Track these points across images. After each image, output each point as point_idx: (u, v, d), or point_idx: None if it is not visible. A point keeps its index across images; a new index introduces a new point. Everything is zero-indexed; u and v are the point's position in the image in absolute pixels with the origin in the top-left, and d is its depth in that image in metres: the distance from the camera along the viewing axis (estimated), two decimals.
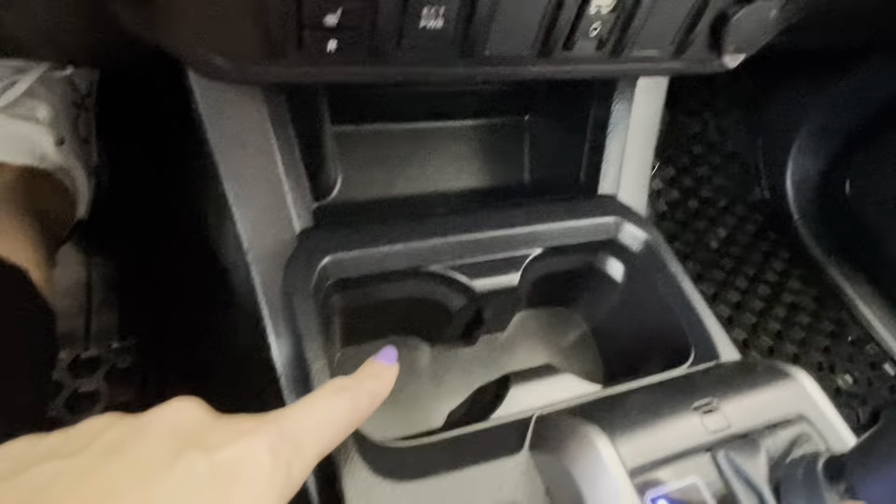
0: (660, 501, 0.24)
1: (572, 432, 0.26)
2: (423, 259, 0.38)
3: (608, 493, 0.24)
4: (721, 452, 0.25)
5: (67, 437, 0.18)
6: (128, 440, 0.18)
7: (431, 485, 0.27)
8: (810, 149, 1.02)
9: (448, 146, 0.53)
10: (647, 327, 0.42)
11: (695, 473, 0.25)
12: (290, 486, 0.21)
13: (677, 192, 0.99)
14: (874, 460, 0.20)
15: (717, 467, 0.25)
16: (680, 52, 0.34)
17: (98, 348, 0.60)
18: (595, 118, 0.48)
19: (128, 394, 0.58)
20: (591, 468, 0.24)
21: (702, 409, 0.27)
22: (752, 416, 0.27)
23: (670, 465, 0.25)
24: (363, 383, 0.25)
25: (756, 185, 1.05)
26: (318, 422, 0.22)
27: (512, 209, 0.43)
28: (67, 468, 0.17)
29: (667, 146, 1.00)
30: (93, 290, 0.64)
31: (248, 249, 0.35)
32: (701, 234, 0.97)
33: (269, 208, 0.36)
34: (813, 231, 1.00)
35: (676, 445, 0.25)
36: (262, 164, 0.36)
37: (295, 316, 0.33)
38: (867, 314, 0.93)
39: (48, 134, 0.46)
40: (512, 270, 0.40)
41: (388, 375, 0.26)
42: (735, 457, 0.25)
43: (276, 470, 0.20)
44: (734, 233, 0.99)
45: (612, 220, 0.44)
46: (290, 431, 0.21)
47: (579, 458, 0.25)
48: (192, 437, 0.19)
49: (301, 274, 0.34)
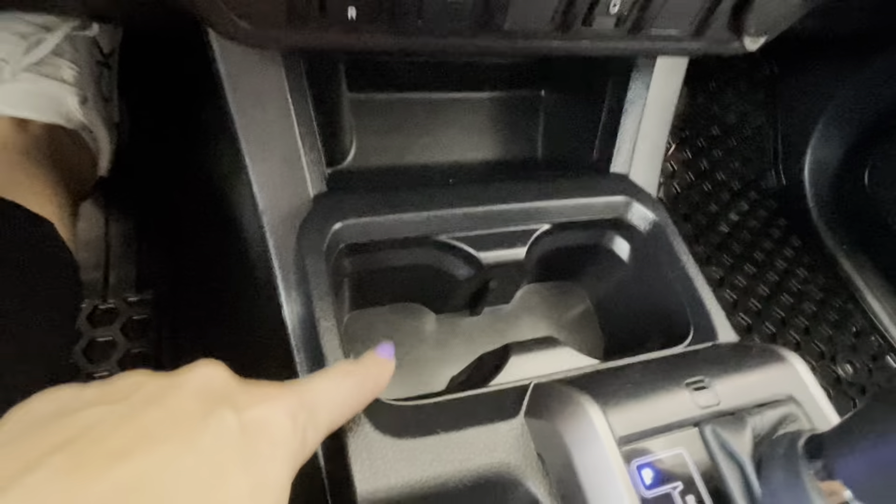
0: (644, 469, 0.25)
1: (566, 400, 0.27)
2: (432, 228, 0.39)
3: (597, 459, 0.25)
4: (708, 427, 0.27)
5: (110, 387, 0.19)
6: (165, 394, 0.19)
7: (429, 442, 0.28)
8: (830, 136, 1.00)
9: (463, 118, 0.54)
10: (648, 306, 0.43)
11: (681, 445, 0.26)
12: (305, 451, 0.22)
13: (692, 174, 0.98)
14: (851, 440, 0.21)
15: (703, 441, 0.26)
16: (700, 32, 0.34)
17: (115, 300, 0.62)
18: (611, 97, 0.47)
19: (143, 345, 0.60)
20: (582, 435, 0.26)
21: (693, 385, 0.28)
22: (741, 395, 0.28)
23: (658, 436, 0.26)
24: (368, 369, 0.27)
25: (772, 170, 1.03)
26: (331, 396, 0.24)
27: (522, 184, 0.43)
28: (112, 413, 0.18)
29: (684, 127, 0.99)
30: (111, 244, 0.66)
31: (263, 211, 0.36)
32: (713, 217, 0.97)
33: (285, 172, 0.37)
34: (826, 220, 1.00)
35: (665, 418, 0.27)
36: (279, 129, 0.36)
37: (307, 277, 0.35)
38: (874, 306, 0.93)
39: (73, 93, 0.47)
40: (519, 244, 0.41)
41: (388, 367, 0.28)
42: (721, 432, 0.26)
43: (294, 433, 0.21)
44: (746, 218, 0.98)
45: (621, 199, 0.44)
46: (308, 401, 0.23)
47: (571, 425, 0.26)
48: (223, 397, 0.20)
49: (314, 237, 0.35)
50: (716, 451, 0.26)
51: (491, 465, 0.28)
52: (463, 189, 0.41)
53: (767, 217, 0.99)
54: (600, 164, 0.48)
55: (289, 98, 0.36)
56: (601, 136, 0.48)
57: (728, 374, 0.29)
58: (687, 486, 0.25)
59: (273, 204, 0.36)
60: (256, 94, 0.35)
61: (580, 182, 0.45)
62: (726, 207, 0.98)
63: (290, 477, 0.21)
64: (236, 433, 0.19)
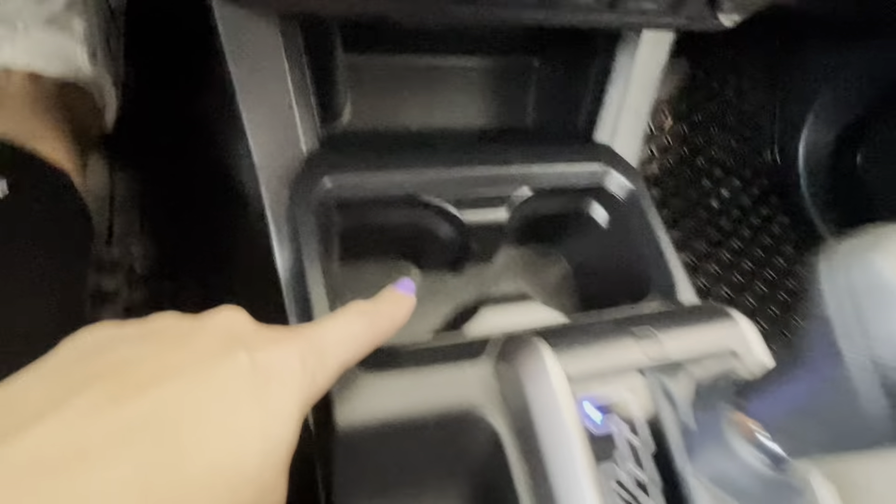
0: (590, 406, 0.28)
1: (525, 345, 0.30)
2: (417, 188, 0.41)
3: (547, 395, 0.28)
4: (652, 373, 0.29)
5: (146, 327, 0.22)
6: (191, 334, 0.22)
7: (405, 378, 0.31)
8: (827, 117, 1.01)
9: (457, 82, 0.55)
10: (621, 270, 0.46)
11: (626, 388, 0.29)
12: (314, 391, 0.24)
13: (686, 149, 1.00)
14: (764, 384, 0.24)
15: (646, 385, 0.29)
16: (677, 7, 0.35)
17: (118, 250, 0.65)
18: (598, 68, 0.49)
19: (144, 294, 0.64)
20: (536, 374, 0.29)
21: (642, 336, 0.31)
22: (686, 347, 0.31)
23: (605, 378, 0.29)
24: (382, 307, 0.28)
25: (767, 148, 1.05)
26: (341, 338, 0.26)
27: (506, 149, 0.45)
28: (145, 350, 0.20)
29: (681, 101, 1.00)
30: (115, 196, 0.69)
31: (259, 167, 0.39)
32: (705, 192, 0.98)
33: (280, 130, 0.39)
34: (818, 199, 1.01)
35: (613, 363, 0.29)
36: (275, 88, 0.38)
37: (297, 230, 0.37)
38: None
39: (83, 48, 0.49)
40: (500, 207, 0.43)
41: (406, 303, 0.30)
42: (663, 378, 0.29)
43: (304, 374, 0.23)
44: (738, 194, 1.00)
45: (600, 167, 0.46)
46: (317, 345, 0.25)
47: (527, 365, 0.29)
48: (239, 338, 0.22)
49: (304, 192, 0.38)
50: (657, 395, 0.29)
51: (460, 403, 0.31)
52: (449, 152, 0.44)
53: (759, 194, 1.01)
54: (585, 133, 0.50)
55: (284, 58, 0.38)
56: (587, 107, 0.50)
57: (676, 328, 0.32)
58: (629, 424, 0.29)
59: (268, 160, 0.39)
60: (253, 55, 0.37)
61: (563, 150, 0.47)
62: (719, 183, 0.99)
63: (299, 413, 0.23)
64: (248, 371, 0.21)
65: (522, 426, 0.29)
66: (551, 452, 0.28)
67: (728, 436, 0.24)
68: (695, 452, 0.26)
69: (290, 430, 0.22)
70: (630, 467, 0.27)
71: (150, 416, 0.19)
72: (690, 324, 0.32)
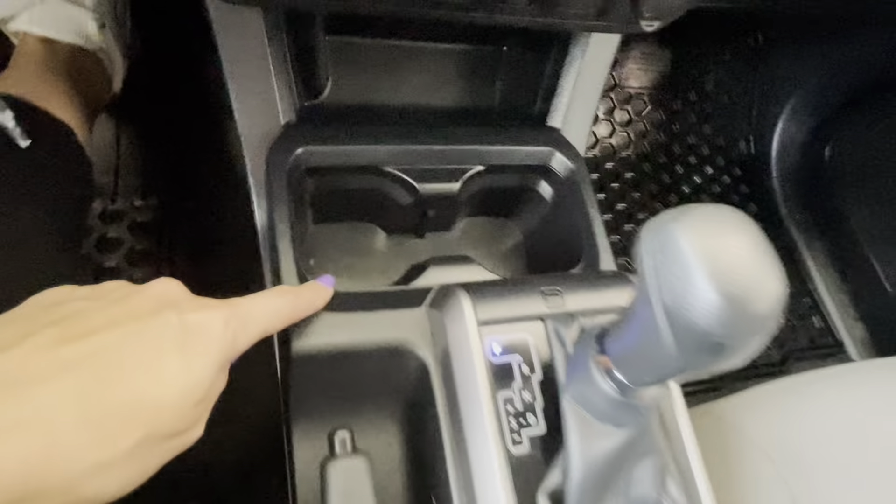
0: (495, 343, 0.35)
1: (451, 294, 0.37)
2: (381, 159, 0.47)
3: (462, 334, 0.35)
4: (550, 322, 0.36)
5: (96, 290, 0.28)
6: (131, 296, 0.27)
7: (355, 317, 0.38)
8: (803, 111, 1.05)
9: (431, 66, 0.60)
10: (561, 241, 0.52)
11: (528, 332, 0.36)
12: (235, 349, 0.29)
13: (663, 135, 1.05)
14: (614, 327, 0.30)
15: (544, 330, 0.36)
16: (603, 13, 0.41)
17: (123, 203, 0.72)
18: (554, 59, 0.54)
19: (146, 243, 0.71)
20: (455, 317, 0.35)
21: (548, 292, 0.37)
22: (582, 303, 0.37)
23: (511, 323, 0.36)
24: (303, 292, 0.34)
25: (743, 139, 1.09)
26: (263, 311, 0.30)
27: (465, 129, 0.51)
28: (93, 306, 0.26)
29: (662, 90, 1.04)
30: (121, 154, 0.75)
31: (242, 134, 0.45)
32: (678, 178, 1.04)
33: (260, 103, 0.45)
34: (786, 190, 1.06)
35: (519, 313, 0.36)
36: (257, 66, 0.44)
37: (272, 192, 0.43)
38: (814, 273, 1.02)
39: (92, 17, 0.55)
40: (454, 180, 0.49)
41: (324, 293, 0.36)
42: (558, 325, 0.36)
43: (224, 335, 0.28)
44: (709, 182, 1.05)
45: (547, 149, 0.52)
46: (241, 313, 0.29)
47: (450, 311, 0.36)
48: (172, 302, 0.28)
49: (279, 159, 0.44)
50: (552, 339, 0.35)
51: (397, 338, 0.38)
52: (413, 128, 0.50)
53: (730, 182, 1.06)
54: (539, 117, 0.56)
55: (266, 40, 0.44)
56: (542, 93, 0.55)
57: (579, 287, 0.38)
58: (526, 359, 0.35)
59: (250, 129, 0.45)
60: (239, 35, 0.43)
61: (517, 132, 0.53)
62: (692, 170, 1.04)
63: (219, 365, 0.27)
64: (176, 328, 0.26)
65: (443, 358, 0.36)
66: (461, 378, 0.34)
67: (591, 369, 0.31)
68: (569, 381, 0.33)
69: (208, 376, 0.26)
70: (521, 391, 0.34)
71: (89, 355, 0.24)
72: (594, 286, 0.39)
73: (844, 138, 1.00)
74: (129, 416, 0.24)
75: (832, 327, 0.97)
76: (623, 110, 1.01)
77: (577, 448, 0.31)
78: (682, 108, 1.06)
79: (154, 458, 0.25)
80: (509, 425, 0.33)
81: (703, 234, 0.24)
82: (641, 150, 1.03)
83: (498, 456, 0.32)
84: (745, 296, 0.23)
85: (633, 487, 0.33)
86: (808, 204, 1.04)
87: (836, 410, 0.50)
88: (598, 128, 0.99)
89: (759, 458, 0.47)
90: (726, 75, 1.08)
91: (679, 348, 0.24)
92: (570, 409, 0.32)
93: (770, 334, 0.24)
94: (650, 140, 1.04)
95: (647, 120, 1.04)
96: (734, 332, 0.23)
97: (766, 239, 0.25)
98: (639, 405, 0.31)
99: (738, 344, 0.24)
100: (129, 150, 0.74)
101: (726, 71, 1.08)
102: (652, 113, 1.04)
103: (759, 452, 0.48)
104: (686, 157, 1.05)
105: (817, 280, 1.01)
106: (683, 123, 1.07)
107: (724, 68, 1.08)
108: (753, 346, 0.24)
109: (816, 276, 1.01)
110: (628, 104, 0.99)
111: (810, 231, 1.03)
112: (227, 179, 0.53)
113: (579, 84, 0.54)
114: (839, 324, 0.97)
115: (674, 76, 1.05)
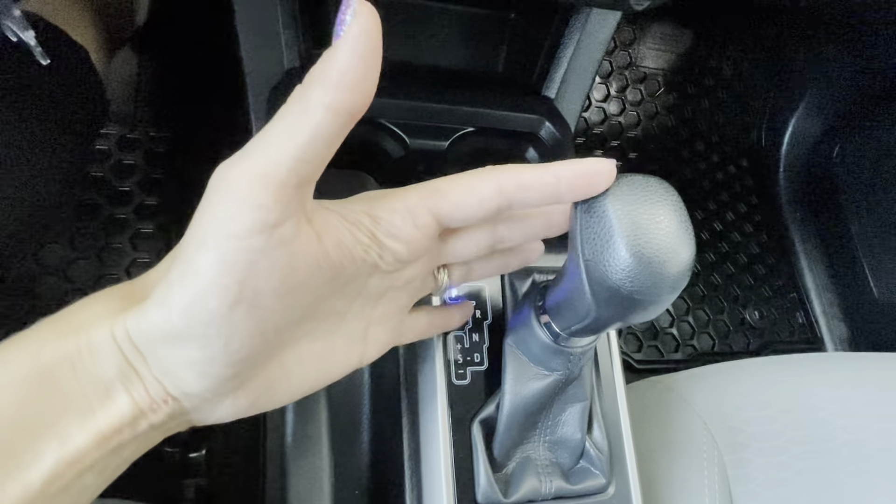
0: (452, 288, 0.38)
1: None
2: (377, 112, 0.50)
3: None
4: (507, 276, 0.39)
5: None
6: None
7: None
8: (818, 108, 1.05)
9: (437, 26, 0.62)
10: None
11: (486, 283, 0.39)
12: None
13: (673, 118, 1.05)
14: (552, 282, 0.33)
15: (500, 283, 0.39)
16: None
17: (140, 132, 0.76)
18: (555, 30, 0.56)
19: (159, 172, 0.75)
20: None
21: None
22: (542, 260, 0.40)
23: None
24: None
25: (754, 130, 1.09)
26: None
27: (462, 91, 0.53)
28: None
29: (678, 72, 1.04)
30: (141, 85, 0.78)
31: (248, 74, 0.48)
32: (683, 161, 1.04)
33: (266, 46, 0.48)
34: (791, 185, 1.07)
35: None
36: (267, 11, 0.47)
37: None
38: (805, 270, 1.03)
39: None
40: (443, 138, 0.52)
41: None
42: (514, 278, 0.39)
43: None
44: (714, 169, 1.06)
45: (537, 118, 0.54)
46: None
47: None
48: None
49: (278, 101, 0.47)
50: (506, 288, 0.39)
51: None
52: (411, 86, 0.52)
53: (735, 173, 1.06)
54: (536, 86, 0.58)
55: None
56: (541, 63, 0.57)
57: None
58: (480, 306, 0.39)
59: (254, 70, 0.48)
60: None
61: (511, 99, 0.55)
62: (698, 156, 1.05)
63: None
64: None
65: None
66: None
67: (530, 316, 0.34)
68: (512, 326, 0.36)
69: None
70: (471, 332, 0.38)
71: None
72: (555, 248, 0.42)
73: (855, 141, 1.00)
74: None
75: (814, 324, 0.99)
76: (636, 89, 1.01)
77: (511, 385, 0.35)
78: (696, 92, 1.06)
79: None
80: (455, 360, 0.37)
81: (627, 201, 0.27)
82: (649, 132, 1.04)
83: (441, 384, 0.36)
84: (654, 258, 0.26)
85: (560, 427, 0.37)
86: (810, 202, 1.05)
87: (778, 393, 0.53)
88: (609, 105, 1.00)
89: (698, 427, 0.51)
90: (746, 65, 1.08)
91: (594, 300, 0.28)
92: (509, 351, 0.36)
93: (677, 291, 0.27)
94: (659, 122, 1.04)
95: (660, 101, 1.04)
96: (643, 288, 0.26)
97: (685, 209, 0.27)
98: (570, 352, 0.34)
99: (646, 299, 0.27)
100: (150, 82, 0.77)
101: (747, 61, 1.08)
102: (665, 95, 1.04)
103: (698, 421, 0.51)
104: (694, 143, 1.06)
105: (807, 277, 1.02)
106: (696, 108, 1.07)
107: (744, 58, 1.07)
108: (661, 303, 0.27)
109: (807, 273, 1.02)
110: (642, 84, 0.99)
111: (807, 228, 1.04)
112: (235, 117, 0.56)
113: (577, 57, 0.56)
114: (822, 321, 0.99)
115: (692, 60, 1.05)
